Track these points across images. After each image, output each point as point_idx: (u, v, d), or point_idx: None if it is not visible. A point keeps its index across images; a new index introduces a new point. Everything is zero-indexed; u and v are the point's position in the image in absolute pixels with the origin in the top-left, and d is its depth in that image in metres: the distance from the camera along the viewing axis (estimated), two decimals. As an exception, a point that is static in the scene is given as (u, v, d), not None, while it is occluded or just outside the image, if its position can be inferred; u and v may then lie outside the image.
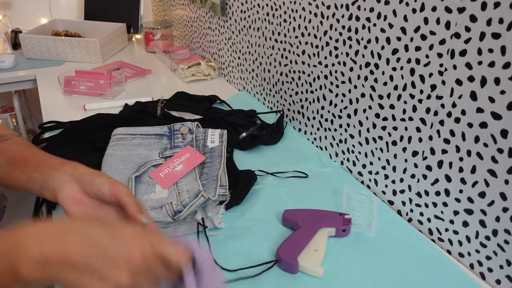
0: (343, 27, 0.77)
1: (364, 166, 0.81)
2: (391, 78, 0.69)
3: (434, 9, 0.59)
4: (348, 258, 0.63)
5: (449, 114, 0.61)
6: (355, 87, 0.78)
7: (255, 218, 0.70)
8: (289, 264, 0.59)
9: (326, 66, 0.85)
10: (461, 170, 0.61)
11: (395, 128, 0.71)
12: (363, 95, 0.77)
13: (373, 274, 0.60)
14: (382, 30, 0.69)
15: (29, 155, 0.60)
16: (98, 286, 0.39)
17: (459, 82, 0.58)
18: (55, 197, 0.55)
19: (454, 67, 0.59)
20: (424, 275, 0.60)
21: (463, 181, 0.62)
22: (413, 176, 0.70)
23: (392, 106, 0.71)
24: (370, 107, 0.76)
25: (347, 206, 0.73)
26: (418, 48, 0.63)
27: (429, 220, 0.69)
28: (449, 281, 0.59)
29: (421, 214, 0.71)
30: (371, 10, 0.70)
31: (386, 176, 0.76)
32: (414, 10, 0.62)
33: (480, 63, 0.55)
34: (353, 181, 0.82)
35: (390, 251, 0.64)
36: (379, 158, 0.77)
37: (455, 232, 0.65)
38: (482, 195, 0.59)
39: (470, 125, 0.58)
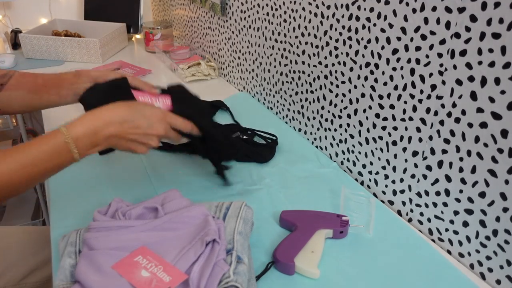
0: (343, 27, 0.77)
1: (364, 166, 0.81)
2: (391, 78, 0.69)
3: (434, 9, 0.59)
4: (346, 259, 0.63)
5: (449, 114, 0.61)
6: (355, 87, 0.78)
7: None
8: (286, 265, 0.59)
9: (326, 66, 0.85)
10: (461, 170, 0.61)
11: (395, 128, 0.71)
12: (363, 95, 0.77)
13: (370, 275, 0.60)
14: (382, 30, 0.69)
15: (42, 81, 0.77)
16: (141, 147, 0.63)
17: (459, 82, 0.58)
18: None
19: (454, 67, 0.58)
20: (422, 276, 0.60)
21: (463, 181, 0.61)
22: (413, 176, 0.70)
23: (392, 106, 0.71)
24: (370, 107, 0.76)
25: (345, 207, 0.73)
26: (418, 48, 0.63)
27: (429, 220, 0.69)
28: (448, 283, 0.59)
29: (421, 214, 0.71)
30: (371, 10, 0.70)
31: (386, 176, 0.76)
32: (414, 10, 0.62)
33: (480, 63, 0.55)
34: (352, 182, 0.82)
35: (388, 252, 0.64)
36: (379, 158, 0.77)
37: (455, 232, 0.65)
38: (482, 195, 0.59)
39: (470, 125, 0.58)
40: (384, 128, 0.74)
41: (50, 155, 0.54)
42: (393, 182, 0.75)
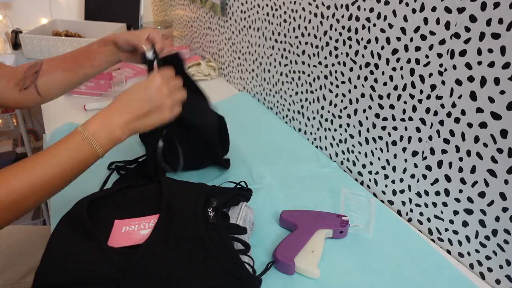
0: (343, 27, 0.77)
1: (364, 166, 0.81)
2: (391, 78, 0.69)
3: (434, 9, 0.59)
4: (346, 259, 0.63)
5: (449, 114, 0.61)
6: (355, 87, 0.78)
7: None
8: (286, 265, 0.59)
9: (326, 66, 0.85)
10: (461, 170, 0.61)
11: (395, 128, 0.71)
12: (363, 95, 0.77)
13: (370, 275, 0.60)
14: (382, 30, 0.69)
15: (72, 57, 0.80)
16: (160, 114, 0.63)
17: (459, 82, 0.59)
18: (120, 56, 0.81)
19: (454, 67, 0.59)
20: (422, 276, 0.60)
21: (462, 181, 0.62)
22: (413, 176, 0.70)
23: (392, 106, 0.71)
24: (370, 107, 0.76)
25: (345, 207, 0.73)
26: (418, 48, 0.63)
27: (429, 220, 0.69)
28: (447, 282, 0.59)
29: (421, 214, 0.71)
30: (371, 10, 0.70)
31: (386, 176, 0.76)
32: (414, 10, 0.62)
33: (479, 63, 0.55)
34: (351, 181, 0.82)
35: (388, 252, 0.64)
36: (379, 158, 0.77)
37: (455, 232, 0.65)
38: (481, 195, 0.59)
39: (469, 125, 0.58)
40: (384, 128, 0.74)
41: (72, 153, 0.57)
42: (393, 182, 0.75)
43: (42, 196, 0.54)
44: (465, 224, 0.63)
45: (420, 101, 0.65)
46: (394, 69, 0.68)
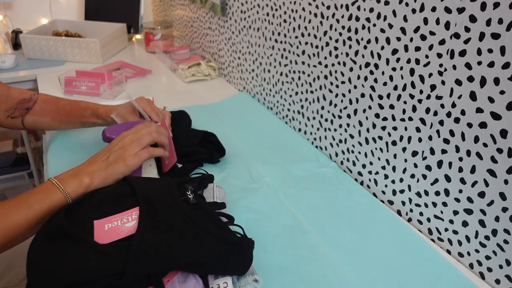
0: (343, 27, 0.77)
1: (364, 166, 0.81)
2: (391, 78, 0.70)
3: (433, 9, 0.59)
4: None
5: (448, 114, 0.61)
6: (355, 87, 0.78)
7: (252, 219, 0.70)
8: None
9: (326, 66, 0.85)
10: (460, 170, 0.62)
11: (395, 128, 0.72)
12: (363, 95, 0.77)
13: (370, 275, 0.60)
14: (382, 31, 0.69)
15: (64, 111, 0.86)
16: (122, 162, 0.65)
17: (458, 82, 0.59)
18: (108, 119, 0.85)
19: (454, 67, 0.59)
20: (422, 276, 0.60)
21: (462, 181, 0.62)
22: (412, 176, 0.70)
23: (392, 106, 0.71)
24: (370, 107, 0.76)
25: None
26: (417, 48, 0.63)
27: (428, 220, 0.70)
28: (447, 282, 0.59)
29: (421, 214, 0.71)
30: (371, 10, 0.70)
31: (386, 176, 0.76)
32: (413, 11, 0.63)
33: (479, 63, 0.55)
34: (351, 182, 0.82)
35: (387, 252, 0.64)
36: (379, 158, 0.77)
37: (455, 232, 0.65)
38: (481, 195, 0.59)
39: (469, 125, 0.58)
40: (383, 128, 0.74)
41: (42, 197, 0.60)
42: (393, 182, 0.75)
43: (6, 239, 0.55)
44: (465, 224, 0.63)
45: (420, 101, 0.65)
46: (394, 69, 0.69)
